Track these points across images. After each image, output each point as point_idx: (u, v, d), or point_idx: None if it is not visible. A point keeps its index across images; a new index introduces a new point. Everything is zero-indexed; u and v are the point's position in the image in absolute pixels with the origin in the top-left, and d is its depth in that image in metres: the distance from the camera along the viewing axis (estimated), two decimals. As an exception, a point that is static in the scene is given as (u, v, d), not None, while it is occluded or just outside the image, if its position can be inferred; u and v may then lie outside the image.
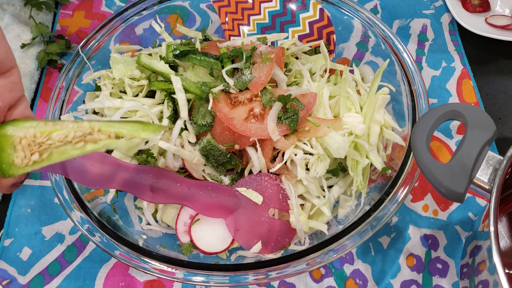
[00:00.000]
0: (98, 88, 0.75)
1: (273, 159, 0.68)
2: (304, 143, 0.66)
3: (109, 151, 0.69)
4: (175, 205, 0.68)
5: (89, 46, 0.77)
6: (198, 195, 0.63)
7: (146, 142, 0.67)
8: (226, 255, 0.66)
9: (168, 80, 0.69)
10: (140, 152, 0.67)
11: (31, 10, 0.99)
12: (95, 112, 0.72)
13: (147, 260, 0.58)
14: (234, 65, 0.68)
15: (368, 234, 0.59)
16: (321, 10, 0.84)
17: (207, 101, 0.67)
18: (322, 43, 0.77)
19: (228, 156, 0.67)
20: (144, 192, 0.63)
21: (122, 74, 0.70)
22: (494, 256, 0.48)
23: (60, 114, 0.70)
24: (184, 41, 0.78)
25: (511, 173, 0.56)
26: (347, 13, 0.80)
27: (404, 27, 1.02)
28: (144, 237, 0.65)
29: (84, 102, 0.75)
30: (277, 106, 0.65)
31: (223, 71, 0.67)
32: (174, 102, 0.70)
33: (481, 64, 0.98)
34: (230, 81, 0.67)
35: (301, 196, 0.69)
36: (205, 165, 0.68)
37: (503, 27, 0.97)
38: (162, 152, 0.69)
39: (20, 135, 0.46)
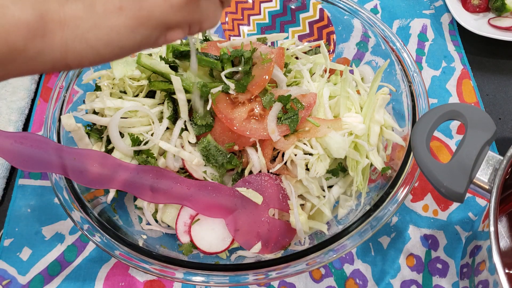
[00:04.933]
0: (98, 88, 0.75)
1: (273, 159, 0.68)
2: (304, 143, 0.66)
3: (109, 151, 0.69)
4: (175, 205, 0.68)
5: (89, 46, 0.77)
6: (198, 195, 0.63)
7: (146, 143, 0.67)
8: (226, 255, 0.66)
9: (168, 80, 0.69)
10: (140, 152, 0.67)
11: (31, 10, 0.99)
12: (95, 112, 0.72)
13: (147, 260, 0.58)
14: (233, 69, 0.68)
15: (368, 234, 0.59)
16: (321, 10, 0.84)
17: (207, 101, 0.67)
18: (322, 43, 0.77)
19: (228, 156, 0.67)
20: (144, 192, 0.63)
21: (122, 74, 0.70)
22: (494, 256, 0.48)
23: (60, 114, 0.70)
24: (184, 41, 0.78)
25: (511, 173, 0.56)
26: (347, 13, 0.80)
27: (404, 27, 1.02)
28: (144, 237, 0.65)
29: (84, 102, 0.75)
30: (277, 106, 0.65)
31: (222, 75, 0.67)
32: (174, 102, 0.70)
33: (481, 64, 0.98)
34: (231, 85, 0.67)
35: (301, 196, 0.69)
36: (205, 165, 0.68)
37: (507, 29, 0.97)
38: (163, 152, 0.69)
39: None
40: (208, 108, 0.66)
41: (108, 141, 0.70)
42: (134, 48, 0.33)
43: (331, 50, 0.85)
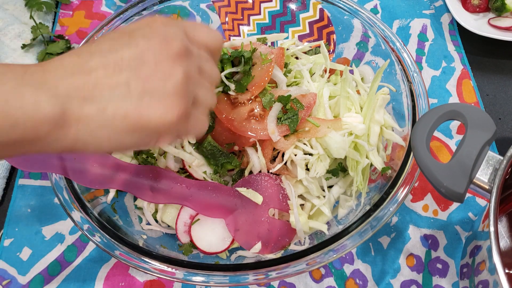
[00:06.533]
0: (98, 88, 0.75)
1: (273, 159, 0.68)
2: (304, 144, 0.66)
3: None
4: (175, 205, 0.68)
5: (89, 46, 0.77)
6: (198, 195, 0.63)
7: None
8: (226, 255, 0.66)
9: (168, 80, 0.69)
10: (140, 152, 0.67)
11: (31, 10, 0.99)
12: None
13: (147, 260, 0.58)
14: (233, 69, 0.68)
15: (368, 234, 0.59)
16: (321, 10, 0.84)
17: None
18: (322, 43, 0.77)
19: (228, 156, 0.67)
20: (144, 192, 0.63)
21: (122, 74, 0.70)
22: (494, 256, 0.48)
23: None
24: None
25: (511, 173, 0.56)
26: (347, 13, 0.80)
27: (404, 27, 1.02)
28: (144, 237, 0.65)
29: (84, 102, 0.75)
30: (277, 106, 0.65)
31: (222, 75, 0.67)
32: (174, 102, 0.70)
33: (481, 64, 0.98)
34: (231, 85, 0.67)
35: (301, 196, 0.69)
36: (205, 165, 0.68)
37: (507, 29, 0.97)
38: (163, 153, 0.69)
39: None
40: None
41: (108, 141, 0.70)
42: (129, 147, 0.41)
43: (331, 50, 0.85)
